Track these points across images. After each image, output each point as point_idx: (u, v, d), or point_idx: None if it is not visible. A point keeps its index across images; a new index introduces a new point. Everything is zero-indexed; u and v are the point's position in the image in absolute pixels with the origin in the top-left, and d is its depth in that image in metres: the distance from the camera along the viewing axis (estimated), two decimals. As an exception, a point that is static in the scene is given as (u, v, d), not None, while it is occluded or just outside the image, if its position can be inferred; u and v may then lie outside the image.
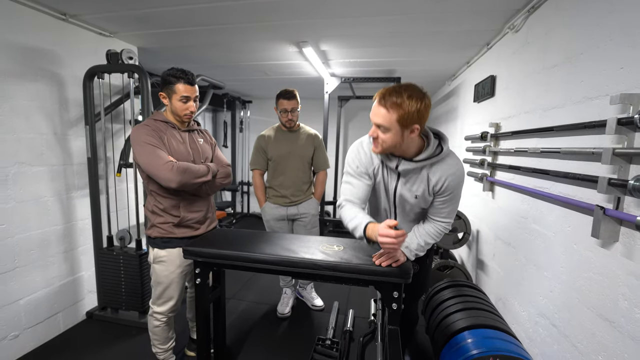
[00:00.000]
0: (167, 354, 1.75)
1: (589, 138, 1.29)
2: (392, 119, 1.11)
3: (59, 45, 2.05)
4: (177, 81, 1.49)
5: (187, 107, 1.53)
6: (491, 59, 2.40)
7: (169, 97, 1.52)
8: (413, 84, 1.14)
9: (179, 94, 1.50)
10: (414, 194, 1.29)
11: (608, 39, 1.21)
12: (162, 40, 2.60)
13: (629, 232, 1.08)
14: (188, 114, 1.55)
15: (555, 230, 1.50)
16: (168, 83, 1.50)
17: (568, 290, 1.39)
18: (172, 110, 1.55)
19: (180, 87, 1.49)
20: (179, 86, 1.49)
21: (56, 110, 2.07)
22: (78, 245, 2.24)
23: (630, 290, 1.07)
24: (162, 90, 1.53)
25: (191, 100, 1.53)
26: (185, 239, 1.62)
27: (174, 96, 1.51)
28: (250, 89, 4.77)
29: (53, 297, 2.09)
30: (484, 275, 2.40)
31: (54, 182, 2.06)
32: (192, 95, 1.53)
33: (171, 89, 1.50)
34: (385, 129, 1.14)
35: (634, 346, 1.05)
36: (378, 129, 1.16)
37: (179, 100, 1.51)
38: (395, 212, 1.41)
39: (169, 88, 1.50)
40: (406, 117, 1.10)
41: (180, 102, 1.51)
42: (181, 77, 1.49)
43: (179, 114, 1.54)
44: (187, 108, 1.53)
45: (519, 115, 1.92)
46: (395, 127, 1.12)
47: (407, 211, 1.39)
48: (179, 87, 1.49)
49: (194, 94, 1.54)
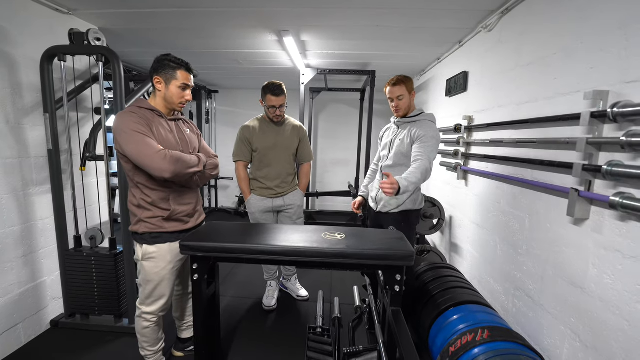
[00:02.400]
0: (157, 355, 1.67)
1: (561, 129, 1.46)
2: (405, 89, 1.86)
3: (7, 20, 1.78)
4: (178, 67, 1.44)
5: (184, 94, 1.48)
6: (463, 56, 2.57)
7: (165, 83, 1.44)
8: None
9: (179, 81, 1.44)
10: (399, 138, 1.92)
11: (579, 42, 1.37)
12: (127, 21, 2.39)
13: (599, 210, 1.25)
14: (184, 102, 1.49)
15: (530, 211, 1.68)
16: (167, 68, 1.42)
17: (542, 264, 1.58)
18: (165, 97, 1.47)
19: (181, 74, 1.45)
20: (180, 73, 1.44)
21: (8, 96, 1.81)
22: (39, 247, 2.00)
23: (599, 260, 1.25)
24: (157, 74, 1.43)
25: (189, 89, 1.49)
26: (176, 233, 1.55)
27: (173, 82, 1.44)
28: (218, 78, 4.56)
29: (12, 307, 1.86)
30: (458, 257, 2.61)
31: (8, 177, 1.81)
32: (191, 85, 1.49)
33: (171, 74, 1.43)
34: (402, 96, 1.87)
35: (602, 306, 1.23)
36: (398, 99, 1.87)
37: (178, 87, 1.45)
38: (388, 155, 1.99)
39: (167, 73, 1.42)
40: (410, 86, 1.88)
41: (179, 89, 1.45)
42: (182, 65, 1.46)
43: (175, 100, 1.47)
44: (184, 96, 1.48)
45: (492, 109, 2.09)
46: (407, 93, 1.87)
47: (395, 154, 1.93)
48: (180, 74, 1.44)
49: (192, 84, 1.51)
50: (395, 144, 1.93)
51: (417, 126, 1.84)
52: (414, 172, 1.68)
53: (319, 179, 5.54)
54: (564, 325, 1.42)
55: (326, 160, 5.45)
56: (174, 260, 1.56)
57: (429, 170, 1.73)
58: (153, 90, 1.49)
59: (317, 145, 5.40)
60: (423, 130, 1.80)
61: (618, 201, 1.10)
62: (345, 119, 5.23)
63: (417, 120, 1.88)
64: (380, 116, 4.94)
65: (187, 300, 1.84)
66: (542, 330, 1.57)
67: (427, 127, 1.82)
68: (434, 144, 1.78)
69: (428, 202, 2.74)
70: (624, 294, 1.14)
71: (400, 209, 1.92)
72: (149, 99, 1.53)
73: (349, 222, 4.53)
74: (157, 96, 1.49)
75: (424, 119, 1.88)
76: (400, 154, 1.90)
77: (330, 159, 5.44)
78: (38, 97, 1.94)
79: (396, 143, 1.92)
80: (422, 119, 1.88)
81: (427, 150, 1.76)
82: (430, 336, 1.83)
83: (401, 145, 1.89)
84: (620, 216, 1.16)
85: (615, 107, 1.12)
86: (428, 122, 1.86)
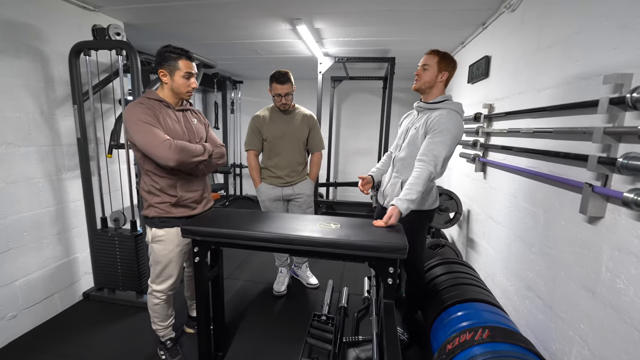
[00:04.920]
0: (167, 330, 1.79)
1: (581, 118, 1.32)
2: (434, 60, 1.60)
3: (41, 19, 1.95)
4: (179, 57, 1.47)
5: (190, 83, 1.53)
6: (486, 39, 2.39)
7: (170, 75, 1.49)
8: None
9: (182, 70, 1.49)
10: (415, 127, 1.68)
11: (603, 18, 1.22)
12: (150, 16, 2.50)
13: (615, 208, 1.13)
14: (190, 90, 1.55)
15: (545, 207, 1.55)
16: (169, 59, 1.47)
17: (554, 264, 1.46)
18: (172, 88, 1.53)
19: (183, 63, 1.49)
20: (181, 62, 1.48)
21: (42, 89, 1.99)
22: (71, 227, 2.22)
23: (613, 263, 1.13)
24: (161, 67, 1.49)
25: (193, 76, 1.53)
26: (183, 218, 1.63)
27: (177, 72, 1.49)
28: (241, 69, 4.65)
29: (49, 279, 2.09)
30: (474, 253, 2.49)
31: (43, 163, 2.02)
32: (194, 72, 1.54)
33: (173, 65, 1.48)
34: (428, 67, 1.60)
35: (613, 314, 1.12)
36: (422, 68, 1.62)
37: (182, 76, 1.50)
38: (401, 145, 1.75)
39: (170, 65, 1.48)
40: (444, 63, 1.60)
41: (184, 78, 1.50)
42: (182, 54, 1.48)
43: (182, 90, 1.53)
44: (189, 84, 1.53)
45: (512, 96, 1.93)
46: (434, 67, 1.60)
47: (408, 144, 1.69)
48: (182, 64, 1.48)
49: (196, 71, 1.55)
50: (410, 132, 1.69)
51: (435, 114, 1.57)
52: (413, 186, 1.48)
53: (341, 168, 5.52)
54: (573, 331, 1.31)
55: (348, 150, 5.40)
56: (182, 243, 1.65)
57: (435, 173, 1.52)
58: (160, 82, 1.56)
59: (339, 134, 5.36)
60: (439, 120, 1.53)
61: (632, 198, 0.98)
62: (368, 108, 5.11)
63: (437, 108, 1.60)
64: (402, 104, 4.77)
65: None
66: (551, 334, 1.47)
67: (445, 117, 1.54)
68: (448, 139, 1.51)
69: (445, 194, 2.63)
70: (636, 301, 1.03)
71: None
72: (157, 90, 1.59)
73: (369, 214, 4.48)
74: (164, 88, 1.55)
75: (446, 107, 1.58)
76: (412, 145, 1.66)
77: (352, 148, 5.38)
78: (68, 90, 2.12)
79: (411, 132, 1.69)
80: (444, 107, 1.58)
81: (436, 149, 1.51)
82: (433, 331, 1.79)
83: (415, 134, 1.65)
84: (637, 215, 1.04)
85: (635, 92, 0.99)
86: (449, 111, 1.56)
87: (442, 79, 1.61)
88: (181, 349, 1.84)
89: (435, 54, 1.60)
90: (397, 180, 1.73)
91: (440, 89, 1.64)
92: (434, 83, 1.62)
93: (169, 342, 1.79)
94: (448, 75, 1.62)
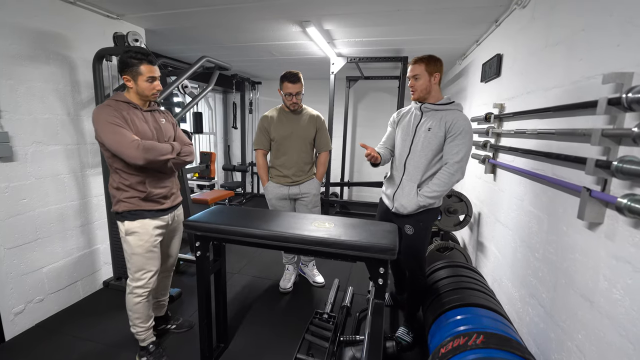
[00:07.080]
0: (147, 332, 1.76)
1: (584, 119, 1.26)
2: (422, 68, 1.66)
3: (68, 28, 2.13)
4: (139, 63, 1.50)
5: (153, 86, 1.57)
6: (498, 37, 2.31)
7: (133, 79, 1.53)
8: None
9: (145, 75, 1.52)
10: (428, 127, 1.70)
11: (608, 14, 1.16)
12: (168, 22, 2.64)
13: (614, 214, 1.07)
14: (155, 92, 1.59)
15: (549, 212, 1.49)
16: (130, 65, 1.51)
17: (555, 271, 1.40)
18: (137, 92, 1.57)
19: (144, 68, 1.52)
20: (143, 67, 1.51)
21: (69, 92, 2.17)
22: (93, 220, 2.40)
23: (610, 271, 1.08)
24: (124, 73, 1.53)
25: (157, 79, 1.57)
26: (153, 211, 1.65)
27: (139, 77, 1.53)
28: (258, 70, 4.77)
29: (72, 267, 2.28)
30: (483, 257, 2.42)
31: (69, 160, 2.20)
32: (157, 75, 1.57)
33: (135, 71, 1.51)
34: (419, 76, 1.67)
35: (609, 325, 1.07)
36: (414, 79, 1.69)
37: (145, 81, 1.53)
38: (410, 147, 1.77)
39: (132, 70, 1.51)
40: (431, 67, 1.66)
41: (147, 82, 1.54)
42: (143, 59, 1.51)
43: (147, 94, 1.57)
44: (154, 87, 1.57)
45: (521, 96, 1.86)
46: (424, 74, 1.66)
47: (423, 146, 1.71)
48: (143, 69, 1.52)
49: (158, 73, 1.58)
50: (422, 135, 1.70)
51: (451, 117, 1.63)
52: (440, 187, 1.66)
53: (357, 168, 5.50)
54: (571, 341, 1.26)
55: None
56: (155, 233, 1.65)
57: (462, 177, 1.67)
58: (126, 86, 1.59)
59: (355, 134, 5.35)
60: (459, 124, 1.61)
61: (625, 204, 0.93)
62: (384, 107, 5.06)
63: (449, 109, 1.66)
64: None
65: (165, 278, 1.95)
66: (551, 344, 1.41)
67: (463, 120, 1.62)
68: (469, 141, 1.63)
69: (455, 196, 2.57)
70: (631, 313, 0.98)
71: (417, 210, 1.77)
72: (125, 92, 1.61)
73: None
74: (130, 92, 1.59)
75: (455, 109, 1.67)
76: (427, 148, 1.68)
77: (369, 148, 5.34)
78: (91, 93, 2.29)
79: (423, 134, 1.70)
80: (454, 109, 1.67)
81: (464, 152, 1.62)
82: (430, 334, 1.76)
83: (432, 137, 1.67)
84: (634, 223, 0.98)
85: (630, 92, 0.94)
86: (462, 114, 1.65)
87: (436, 80, 1.69)
88: (165, 351, 1.82)
89: (420, 62, 1.67)
90: (413, 186, 1.74)
91: (438, 89, 1.72)
92: (430, 87, 1.69)
93: (152, 346, 1.77)
94: (440, 75, 1.69)
